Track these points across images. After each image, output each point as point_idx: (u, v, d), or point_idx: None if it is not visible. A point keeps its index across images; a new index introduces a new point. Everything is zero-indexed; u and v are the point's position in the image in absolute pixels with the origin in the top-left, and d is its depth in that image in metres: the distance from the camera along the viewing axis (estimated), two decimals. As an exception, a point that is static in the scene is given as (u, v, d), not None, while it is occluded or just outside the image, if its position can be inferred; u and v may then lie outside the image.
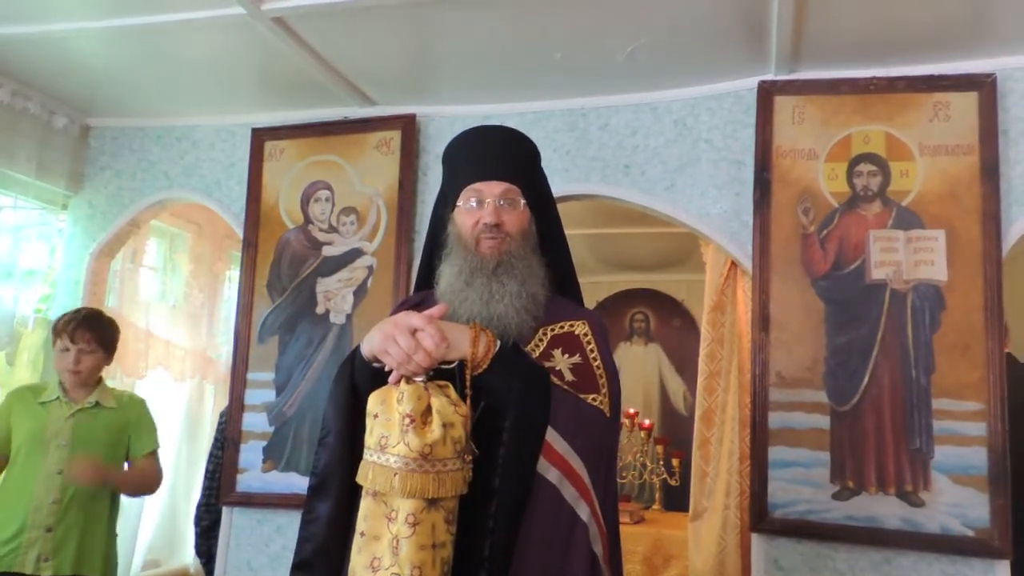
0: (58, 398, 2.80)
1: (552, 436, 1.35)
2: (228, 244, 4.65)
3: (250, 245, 3.36)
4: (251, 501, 3.21)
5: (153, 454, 2.99)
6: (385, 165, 3.26)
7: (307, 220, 3.32)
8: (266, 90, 3.28)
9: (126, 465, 2.95)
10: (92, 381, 2.89)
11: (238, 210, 3.46)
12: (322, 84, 3.13)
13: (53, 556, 2.68)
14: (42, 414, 2.78)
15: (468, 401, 1.33)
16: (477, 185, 1.56)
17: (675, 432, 5.64)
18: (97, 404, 2.86)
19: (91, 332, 2.84)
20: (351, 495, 1.37)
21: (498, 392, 1.36)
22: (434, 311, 1.39)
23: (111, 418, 2.89)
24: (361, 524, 1.29)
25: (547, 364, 1.50)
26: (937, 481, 2.56)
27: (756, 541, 2.74)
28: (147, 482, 3.01)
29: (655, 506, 5.27)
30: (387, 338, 1.33)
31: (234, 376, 3.31)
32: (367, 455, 1.29)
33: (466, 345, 1.36)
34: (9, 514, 2.70)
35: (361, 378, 1.42)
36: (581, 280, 1.75)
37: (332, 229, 3.29)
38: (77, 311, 2.93)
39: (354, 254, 3.25)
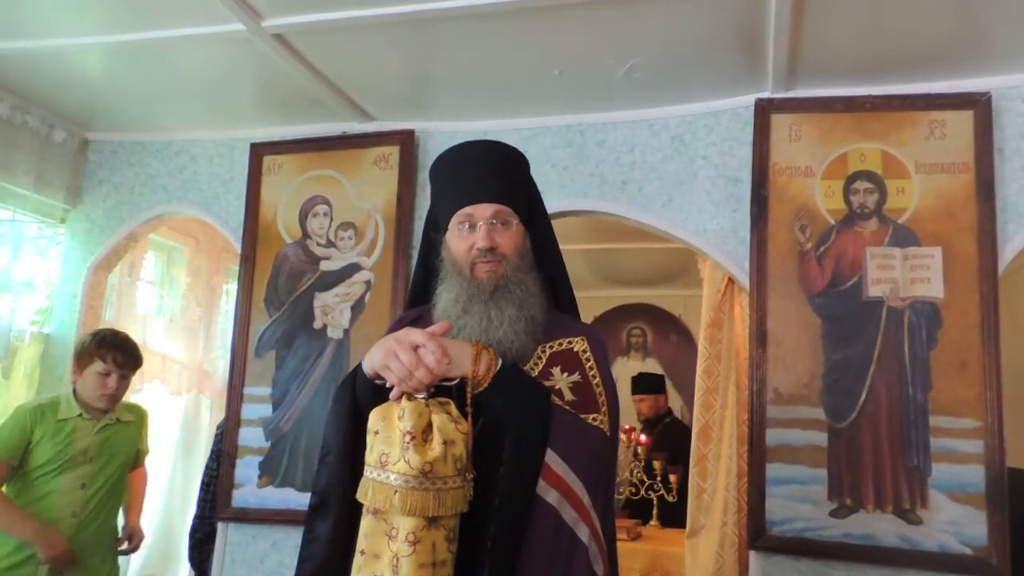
0: (80, 415, 2.82)
1: (551, 458, 1.34)
2: (226, 258, 4.65)
3: (248, 259, 3.36)
4: (246, 516, 3.19)
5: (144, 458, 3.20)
6: (383, 180, 3.27)
7: (305, 235, 3.32)
8: (265, 105, 3.29)
9: None
10: None
11: (236, 224, 3.46)
12: (321, 100, 3.15)
13: (68, 569, 2.75)
14: (66, 431, 2.78)
15: (469, 419, 1.32)
16: (467, 209, 1.55)
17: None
18: (117, 420, 2.93)
19: (133, 359, 2.91)
20: (352, 513, 1.35)
21: (499, 410, 1.35)
22: (436, 328, 1.38)
23: (129, 431, 2.99)
24: (362, 542, 1.28)
25: (546, 383, 1.48)
26: (935, 499, 2.56)
27: (754, 559, 2.73)
28: (144, 491, 3.19)
29: (652, 522, 5.24)
30: (388, 354, 1.32)
31: (231, 390, 3.30)
32: (367, 472, 1.29)
33: (468, 362, 1.35)
34: None
35: (363, 395, 1.41)
36: (579, 295, 1.73)
37: (330, 244, 3.29)
38: (114, 334, 2.92)
39: (352, 269, 3.25)
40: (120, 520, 3.06)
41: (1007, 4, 2.33)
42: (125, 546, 3.03)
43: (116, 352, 2.84)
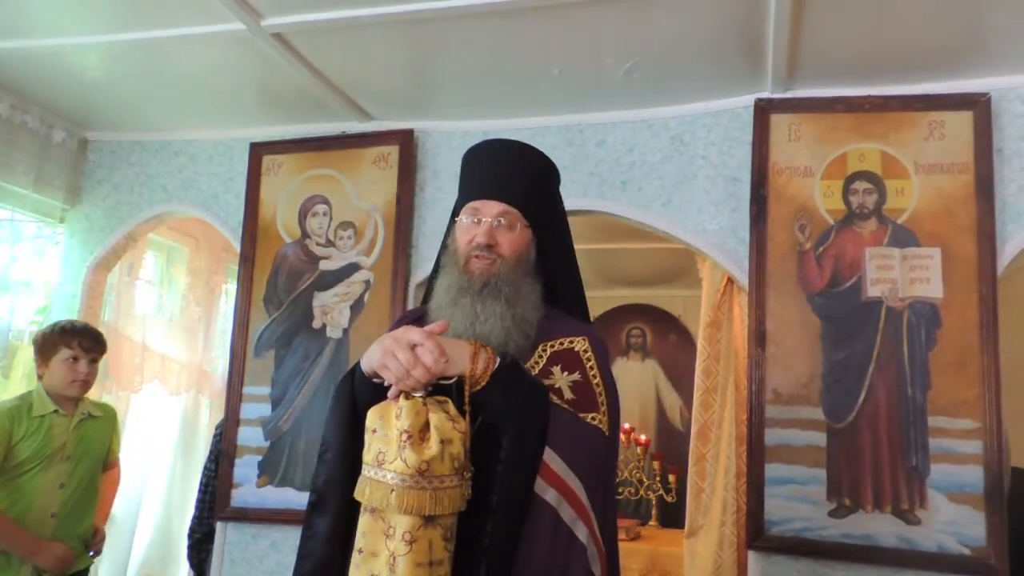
0: (56, 411, 2.79)
1: (550, 456, 1.34)
2: (225, 258, 4.65)
3: (247, 259, 3.36)
4: (246, 516, 3.19)
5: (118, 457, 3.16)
6: (383, 180, 3.27)
7: (304, 234, 3.33)
8: (264, 105, 3.29)
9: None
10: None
11: (235, 224, 3.46)
12: (320, 99, 3.15)
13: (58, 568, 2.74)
14: (44, 428, 2.75)
15: (467, 417, 1.32)
16: (476, 203, 1.57)
17: (672, 448, 5.64)
18: (89, 415, 2.91)
19: (99, 343, 2.90)
20: (351, 511, 1.35)
21: (497, 409, 1.35)
22: (434, 327, 1.39)
23: (101, 427, 2.97)
24: (359, 541, 1.28)
25: (546, 381, 1.49)
26: (933, 499, 2.56)
27: (752, 559, 2.73)
28: (115, 494, 3.15)
29: (651, 522, 5.25)
30: (386, 353, 1.32)
31: (230, 390, 3.30)
32: (365, 471, 1.29)
33: (465, 361, 1.35)
34: None
35: (361, 394, 1.41)
36: (579, 295, 1.74)
37: (329, 243, 3.29)
38: (71, 323, 2.92)
39: (351, 268, 3.25)
40: (115, 515, 3.05)
41: (1007, 4, 2.33)
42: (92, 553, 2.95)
43: (80, 338, 2.83)
